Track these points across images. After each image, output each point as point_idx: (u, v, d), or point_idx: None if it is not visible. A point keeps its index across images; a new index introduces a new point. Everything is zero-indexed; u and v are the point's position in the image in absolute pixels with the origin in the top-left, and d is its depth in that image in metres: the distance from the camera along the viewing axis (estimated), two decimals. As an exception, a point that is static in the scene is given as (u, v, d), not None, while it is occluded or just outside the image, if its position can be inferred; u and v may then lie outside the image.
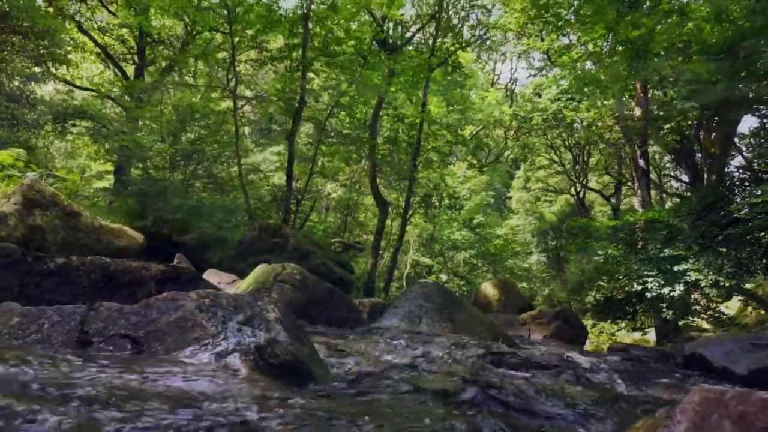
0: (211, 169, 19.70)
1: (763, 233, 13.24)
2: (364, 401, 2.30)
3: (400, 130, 19.71)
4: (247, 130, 21.76)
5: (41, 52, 13.64)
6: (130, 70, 18.76)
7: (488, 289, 16.87)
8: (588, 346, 16.64)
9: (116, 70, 18.55)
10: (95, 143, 17.52)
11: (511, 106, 26.35)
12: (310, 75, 16.39)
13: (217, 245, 13.86)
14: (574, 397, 2.99)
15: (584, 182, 27.61)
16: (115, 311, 2.33)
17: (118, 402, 1.48)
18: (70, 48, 16.40)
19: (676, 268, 13.67)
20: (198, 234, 12.84)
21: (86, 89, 18.15)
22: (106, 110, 18.99)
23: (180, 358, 2.11)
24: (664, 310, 14.71)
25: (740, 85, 15.63)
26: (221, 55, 18.18)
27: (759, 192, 13.66)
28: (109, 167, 19.18)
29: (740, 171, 18.91)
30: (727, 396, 1.93)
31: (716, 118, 17.50)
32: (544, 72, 25.47)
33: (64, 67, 15.86)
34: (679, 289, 13.42)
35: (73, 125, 16.89)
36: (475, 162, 22.32)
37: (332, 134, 18.30)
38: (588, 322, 21.86)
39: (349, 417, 1.66)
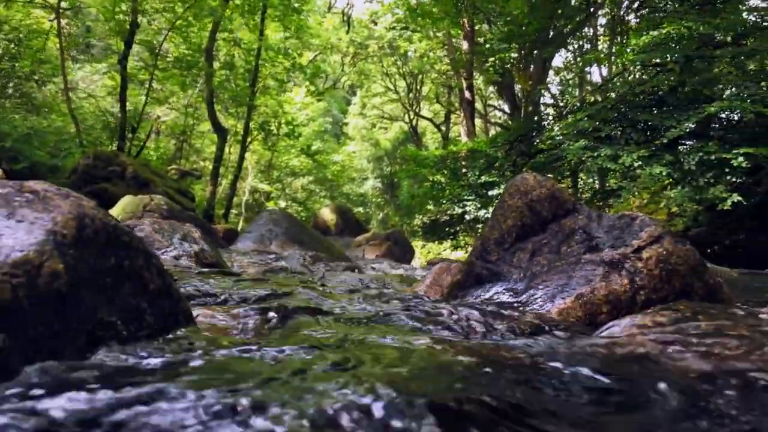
0: (22, 88, 19.05)
1: (558, 162, 16.66)
2: (260, 279, 4.13)
3: (237, 56, 20.48)
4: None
5: None
6: None
7: (326, 214, 18.79)
8: (419, 264, 19.55)
9: None
10: None
11: (348, 32, 28.02)
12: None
13: (49, 174, 14.18)
14: (368, 278, 5.09)
15: (417, 110, 30.59)
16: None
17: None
18: None
19: (490, 193, 16.62)
20: (29, 162, 13.13)
21: None
22: None
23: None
24: (480, 230, 17.82)
25: (555, 25, 18.76)
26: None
27: (561, 126, 16.68)
28: None
29: (546, 107, 22.68)
30: (452, 265, 4.06)
31: (535, 52, 20.37)
32: (380, -1, 27.22)
33: None
34: (492, 211, 16.03)
35: None
36: (312, 88, 23.76)
37: (168, 58, 18.58)
38: (418, 243, 25.15)
39: (255, 283, 3.46)
